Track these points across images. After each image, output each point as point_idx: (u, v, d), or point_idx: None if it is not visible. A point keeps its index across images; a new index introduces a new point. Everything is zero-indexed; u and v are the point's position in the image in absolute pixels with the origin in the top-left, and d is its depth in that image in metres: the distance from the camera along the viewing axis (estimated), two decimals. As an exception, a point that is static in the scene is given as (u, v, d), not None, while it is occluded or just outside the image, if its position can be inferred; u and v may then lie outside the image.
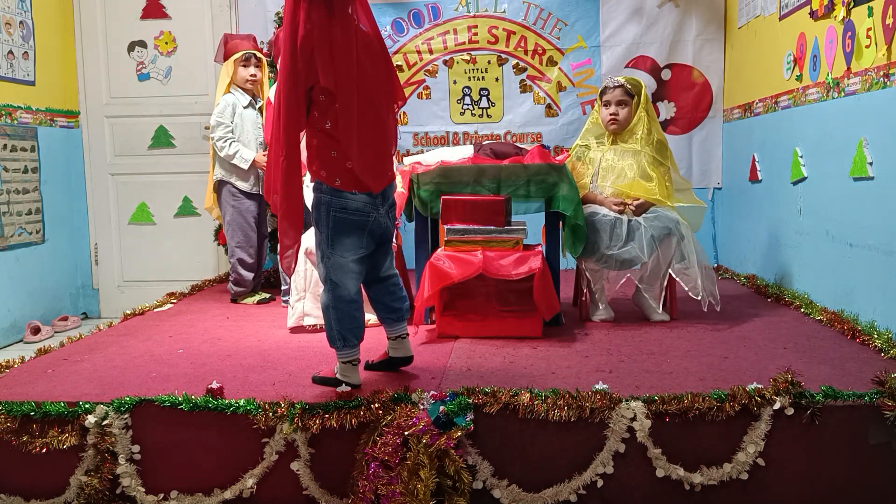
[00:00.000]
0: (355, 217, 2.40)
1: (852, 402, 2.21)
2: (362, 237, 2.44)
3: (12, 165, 4.53)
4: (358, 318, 2.50)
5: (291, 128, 2.31)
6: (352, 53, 2.31)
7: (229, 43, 4.12)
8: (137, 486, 2.31)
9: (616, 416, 2.20)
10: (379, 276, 2.60)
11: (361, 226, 2.42)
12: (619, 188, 3.39)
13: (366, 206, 2.41)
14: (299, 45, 2.27)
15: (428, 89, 5.18)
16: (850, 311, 3.13)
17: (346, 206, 2.39)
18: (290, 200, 2.35)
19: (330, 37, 2.28)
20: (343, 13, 2.29)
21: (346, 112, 2.30)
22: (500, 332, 3.09)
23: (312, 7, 2.26)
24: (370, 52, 2.37)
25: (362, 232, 2.43)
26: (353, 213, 2.40)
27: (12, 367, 2.83)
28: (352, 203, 2.39)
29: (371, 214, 2.42)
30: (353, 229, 2.41)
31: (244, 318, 3.66)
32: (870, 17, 2.97)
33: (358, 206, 2.40)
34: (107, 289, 5.29)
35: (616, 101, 3.45)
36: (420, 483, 2.11)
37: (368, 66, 2.35)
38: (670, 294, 3.39)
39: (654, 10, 5.00)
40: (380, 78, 2.41)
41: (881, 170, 2.94)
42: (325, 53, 2.27)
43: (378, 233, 2.48)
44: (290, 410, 2.24)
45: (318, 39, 2.26)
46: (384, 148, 2.46)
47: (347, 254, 2.43)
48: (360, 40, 2.34)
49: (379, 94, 2.41)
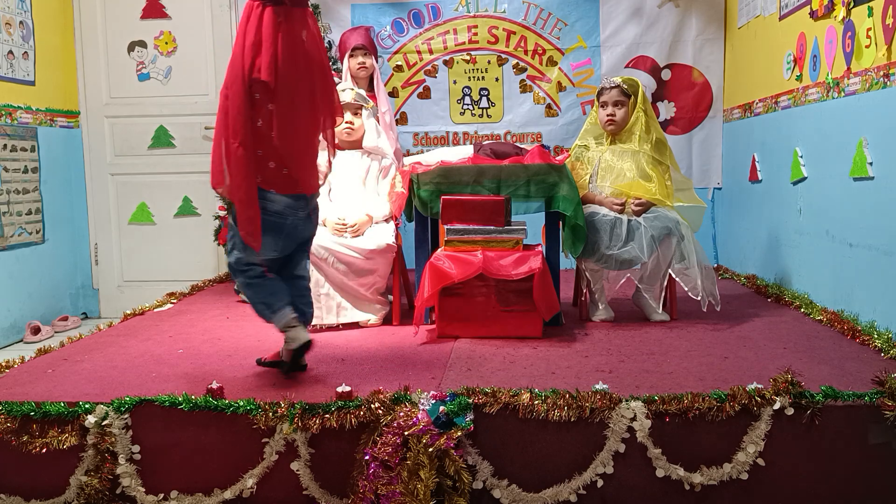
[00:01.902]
0: (272, 218, 2.49)
1: (852, 402, 2.21)
2: (278, 239, 2.53)
3: (12, 165, 4.53)
4: (273, 284, 2.56)
5: (246, 118, 2.42)
6: (293, 60, 2.46)
7: None
8: (137, 486, 2.31)
9: (616, 416, 2.20)
10: (292, 273, 2.66)
11: (278, 227, 2.51)
12: (619, 188, 3.39)
13: (285, 209, 2.51)
14: (250, 40, 2.43)
15: (428, 89, 5.18)
16: (850, 311, 3.13)
17: (264, 206, 2.47)
18: (250, 186, 2.43)
19: (276, 38, 2.43)
20: (292, 23, 2.47)
21: (280, 112, 2.44)
22: (500, 332, 3.09)
23: (267, 9, 2.44)
24: (310, 66, 2.52)
25: (279, 234, 2.53)
26: (271, 214, 2.49)
27: (12, 367, 2.83)
28: (270, 205, 2.49)
29: (289, 218, 2.53)
30: (268, 229, 2.48)
31: (244, 318, 3.65)
32: (870, 17, 2.97)
33: (277, 209, 2.50)
34: (107, 289, 5.29)
35: (613, 101, 3.45)
36: (420, 483, 2.11)
37: (306, 77, 2.50)
38: (670, 294, 3.39)
39: (654, 10, 5.00)
40: (314, 91, 2.53)
41: (881, 170, 2.94)
42: (270, 51, 2.42)
43: (296, 236, 2.58)
44: (290, 410, 2.24)
45: (266, 38, 2.43)
46: (308, 156, 2.58)
47: (261, 253, 2.51)
48: (303, 52, 2.49)
49: (311, 105, 2.54)
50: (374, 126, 3.68)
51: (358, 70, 4.22)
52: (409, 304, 3.71)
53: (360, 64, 4.20)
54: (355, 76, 4.23)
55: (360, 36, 4.27)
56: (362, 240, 3.39)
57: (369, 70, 4.26)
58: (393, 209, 3.51)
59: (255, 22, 2.45)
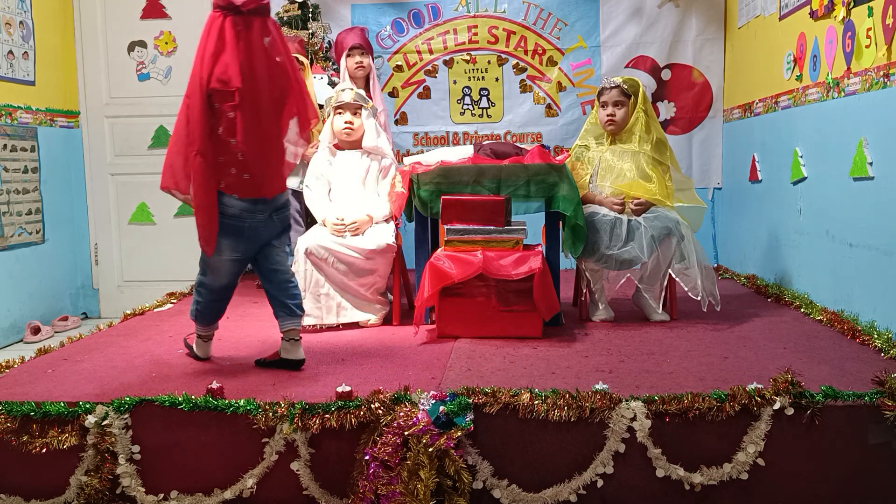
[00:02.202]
0: (231, 222, 2.60)
1: (852, 402, 2.21)
2: (238, 242, 2.64)
3: (12, 165, 4.53)
4: (217, 308, 2.78)
5: (204, 126, 2.50)
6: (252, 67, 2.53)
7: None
8: (137, 486, 2.31)
9: (616, 416, 2.20)
10: (270, 268, 2.75)
11: (237, 231, 2.62)
12: (619, 188, 3.39)
13: (242, 213, 2.61)
14: (210, 49, 2.51)
15: (428, 89, 5.18)
16: (850, 311, 3.13)
17: (223, 210, 2.58)
18: (207, 192, 2.53)
19: (236, 47, 2.51)
20: (252, 31, 2.53)
21: (241, 119, 2.52)
22: (500, 332, 3.09)
23: (227, 19, 2.51)
24: (272, 73, 2.58)
25: (238, 237, 2.63)
26: (229, 218, 2.60)
27: (12, 367, 2.83)
28: (229, 209, 2.59)
29: (246, 221, 2.62)
30: (228, 232, 2.60)
31: (244, 318, 3.66)
32: (870, 17, 2.97)
33: (234, 213, 2.60)
34: (107, 289, 5.29)
35: (613, 101, 3.45)
36: (420, 483, 2.11)
37: (267, 84, 2.56)
38: (670, 294, 3.39)
39: (654, 10, 5.00)
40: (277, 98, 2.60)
41: (881, 170, 2.94)
42: (228, 60, 2.50)
43: (256, 238, 2.67)
44: (290, 410, 2.24)
45: (225, 47, 2.51)
46: (272, 161, 2.64)
47: (222, 254, 2.63)
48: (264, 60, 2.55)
49: (274, 112, 2.60)
50: (374, 126, 3.68)
51: (356, 69, 4.23)
52: (409, 304, 3.71)
53: (357, 63, 4.21)
54: (353, 76, 4.24)
55: (357, 35, 4.28)
56: (362, 240, 3.39)
57: (367, 70, 4.27)
58: (393, 209, 3.51)
59: (216, 32, 2.52)
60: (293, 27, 4.53)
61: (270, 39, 2.58)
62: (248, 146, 2.55)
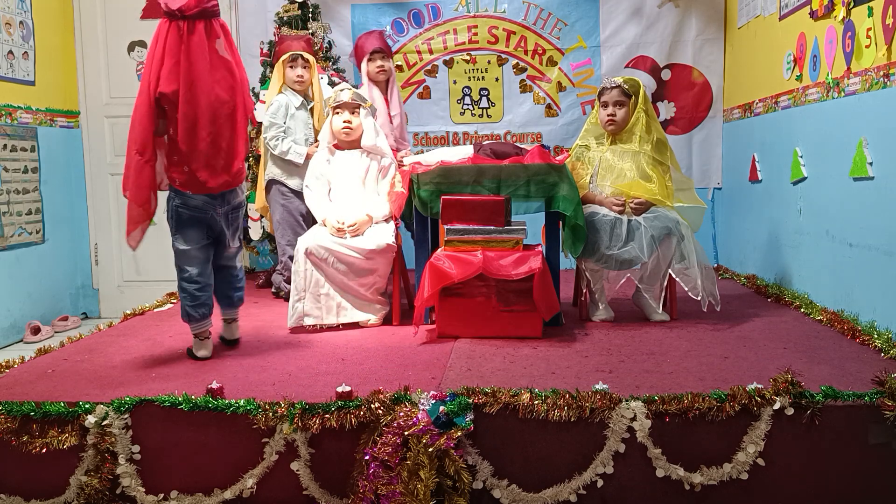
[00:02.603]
0: (194, 213, 2.86)
1: (852, 402, 2.21)
2: (201, 232, 2.89)
3: (12, 165, 4.53)
4: (200, 297, 2.90)
5: (145, 128, 2.72)
6: (196, 69, 2.72)
7: (282, 44, 4.11)
8: (137, 486, 2.31)
9: (616, 416, 2.20)
10: (219, 264, 3.00)
11: (199, 222, 2.87)
12: (619, 188, 3.39)
13: (204, 205, 2.85)
14: (158, 55, 2.72)
15: (428, 89, 5.18)
16: (850, 311, 3.13)
17: (185, 202, 2.84)
18: (140, 187, 2.76)
19: (178, 51, 2.72)
20: (196, 34, 2.73)
21: (184, 120, 2.72)
22: (500, 332, 3.09)
23: (172, 24, 2.72)
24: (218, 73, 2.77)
25: (201, 227, 2.88)
26: (192, 210, 2.85)
27: (12, 367, 2.83)
28: (191, 201, 2.84)
29: (208, 212, 2.87)
30: (191, 223, 2.86)
31: (244, 318, 3.65)
32: (870, 17, 2.97)
33: (196, 204, 2.85)
34: (107, 289, 5.29)
35: (613, 101, 3.45)
36: (420, 483, 2.11)
37: (212, 85, 2.75)
38: (670, 294, 3.39)
39: (654, 10, 5.00)
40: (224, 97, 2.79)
41: (881, 170, 2.94)
42: (169, 64, 2.71)
43: (217, 229, 2.91)
44: (290, 410, 2.24)
45: (169, 51, 2.72)
46: (216, 158, 2.81)
47: (189, 244, 2.88)
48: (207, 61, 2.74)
49: (218, 110, 2.78)
50: (373, 125, 3.68)
51: (377, 73, 4.22)
52: (409, 304, 3.71)
53: (379, 67, 4.20)
54: (374, 80, 4.23)
55: (377, 39, 4.27)
56: (362, 240, 3.39)
57: (388, 73, 4.26)
58: (392, 209, 3.51)
59: (162, 38, 2.72)
60: (293, 27, 4.53)
61: (225, 41, 2.79)
62: (189, 145, 2.76)
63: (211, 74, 2.75)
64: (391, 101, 4.26)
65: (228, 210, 2.93)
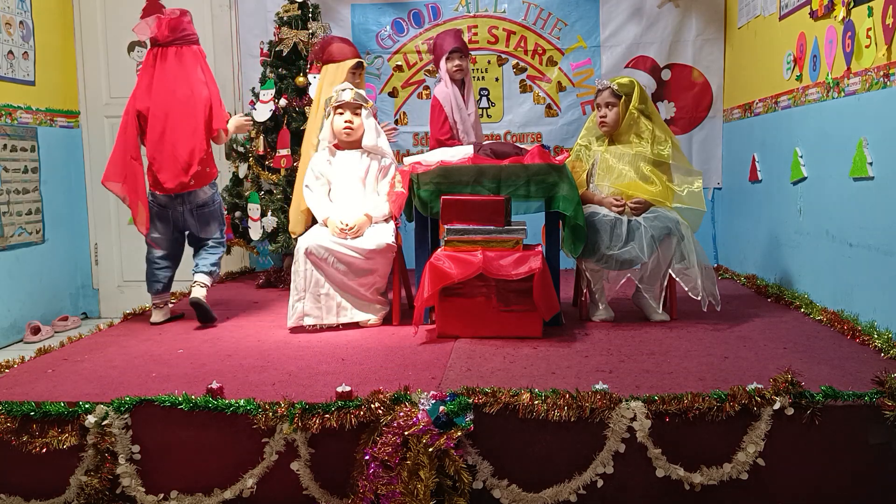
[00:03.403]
0: (161, 209, 3.55)
1: (852, 402, 2.21)
2: (166, 225, 3.57)
3: (12, 165, 4.53)
4: (157, 274, 3.60)
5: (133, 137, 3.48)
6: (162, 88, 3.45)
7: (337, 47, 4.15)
8: (137, 486, 2.31)
9: (616, 416, 2.20)
10: (197, 242, 3.68)
11: (165, 217, 3.56)
12: (619, 188, 3.39)
13: (168, 203, 3.54)
14: (139, 77, 3.53)
15: (428, 89, 5.17)
16: (850, 311, 3.13)
17: (155, 199, 3.55)
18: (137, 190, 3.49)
19: (152, 72, 3.48)
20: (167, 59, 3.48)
21: (150, 132, 3.47)
22: (500, 332, 3.09)
23: (150, 52, 3.53)
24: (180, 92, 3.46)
25: (166, 221, 3.57)
26: (160, 206, 3.55)
27: (12, 367, 2.83)
28: (158, 199, 3.54)
29: (172, 209, 3.55)
30: (159, 216, 3.56)
31: (244, 318, 3.66)
32: (870, 17, 2.97)
33: (162, 203, 3.54)
34: (107, 289, 5.29)
35: (605, 102, 3.46)
36: (420, 483, 2.11)
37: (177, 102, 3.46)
38: (670, 294, 3.39)
39: (654, 10, 5.00)
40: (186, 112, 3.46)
41: (881, 170, 2.94)
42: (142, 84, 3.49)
43: (181, 224, 3.60)
44: (290, 410, 2.24)
45: (142, 73, 3.51)
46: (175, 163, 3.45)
47: (156, 231, 3.57)
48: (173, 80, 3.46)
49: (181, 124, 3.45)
50: (374, 125, 3.67)
51: (455, 72, 4.23)
52: (409, 304, 3.71)
53: (456, 66, 4.22)
54: (452, 78, 4.24)
55: (455, 39, 4.29)
56: (362, 240, 3.38)
57: (464, 72, 4.28)
58: (392, 209, 3.51)
59: (145, 62, 3.52)
60: (293, 27, 4.53)
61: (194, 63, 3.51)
62: (153, 153, 3.46)
63: (174, 94, 3.44)
64: (468, 99, 4.27)
65: (192, 208, 3.55)
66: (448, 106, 4.18)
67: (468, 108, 4.26)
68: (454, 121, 4.19)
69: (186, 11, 3.59)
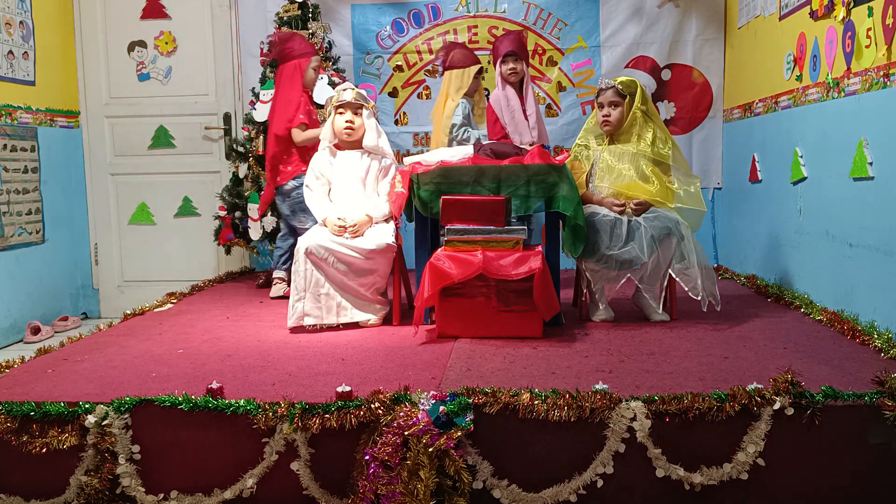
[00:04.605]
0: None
1: (852, 402, 2.21)
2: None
3: (12, 165, 4.53)
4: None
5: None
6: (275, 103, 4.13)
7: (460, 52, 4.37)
8: (137, 486, 2.31)
9: (616, 416, 2.20)
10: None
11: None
12: (618, 188, 3.39)
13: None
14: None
15: (428, 89, 5.18)
16: (850, 311, 3.13)
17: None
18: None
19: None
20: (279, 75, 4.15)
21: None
22: (500, 332, 3.09)
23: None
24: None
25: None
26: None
27: (12, 367, 2.83)
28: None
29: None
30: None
31: (244, 318, 3.66)
32: (870, 17, 2.97)
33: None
34: (107, 289, 5.29)
35: (608, 102, 3.46)
36: (420, 483, 2.11)
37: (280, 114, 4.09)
38: (670, 294, 3.39)
39: (654, 10, 5.00)
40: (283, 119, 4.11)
41: (881, 170, 2.94)
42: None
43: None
44: (290, 410, 2.24)
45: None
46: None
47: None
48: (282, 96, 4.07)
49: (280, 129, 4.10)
50: (374, 126, 3.68)
51: (509, 75, 4.24)
52: (409, 304, 3.71)
53: (510, 70, 4.22)
54: (507, 81, 4.25)
55: (511, 42, 4.29)
56: (362, 240, 3.39)
57: (519, 74, 4.27)
58: (392, 209, 3.51)
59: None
60: (293, 27, 4.53)
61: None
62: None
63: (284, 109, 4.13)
64: (526, 100, 4.27)
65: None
66: (498, 108, 4.19)
67: (529, 109, 4.25)
68: (505, 122, 4.19)
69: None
